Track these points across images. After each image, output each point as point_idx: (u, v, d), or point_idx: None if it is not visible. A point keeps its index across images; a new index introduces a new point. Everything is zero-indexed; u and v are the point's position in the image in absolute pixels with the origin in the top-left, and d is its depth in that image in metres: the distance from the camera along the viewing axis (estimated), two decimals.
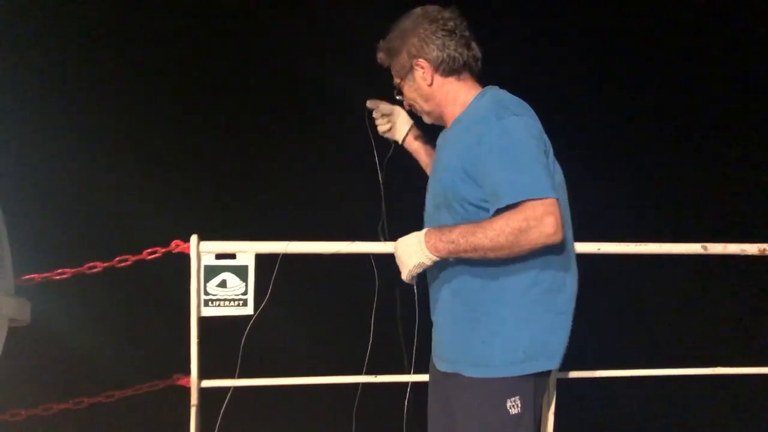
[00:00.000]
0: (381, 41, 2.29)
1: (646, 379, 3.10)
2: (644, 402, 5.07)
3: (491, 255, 1.95)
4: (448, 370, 2.21)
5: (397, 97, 2.37)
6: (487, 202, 2.02)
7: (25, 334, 2.51)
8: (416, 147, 2.59)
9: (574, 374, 2.95)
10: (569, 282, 2.15)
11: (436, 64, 2.17)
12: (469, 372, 2.11)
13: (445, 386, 2.27)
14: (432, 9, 2.21)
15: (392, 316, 2.63)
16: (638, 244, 2.94)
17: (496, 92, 2.21)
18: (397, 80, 2.30)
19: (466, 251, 1.98)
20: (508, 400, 2.04)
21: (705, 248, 3.00)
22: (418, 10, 2.22)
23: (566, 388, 2.91)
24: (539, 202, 1.89)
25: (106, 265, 2.64)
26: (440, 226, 2.09)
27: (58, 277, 2.60)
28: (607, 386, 3.31)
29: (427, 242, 2.04)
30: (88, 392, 2.73)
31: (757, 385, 3.07)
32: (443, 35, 2.15)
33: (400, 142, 2.60)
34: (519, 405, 2.05)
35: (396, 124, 2.57)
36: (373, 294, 2.67)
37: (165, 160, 7.12)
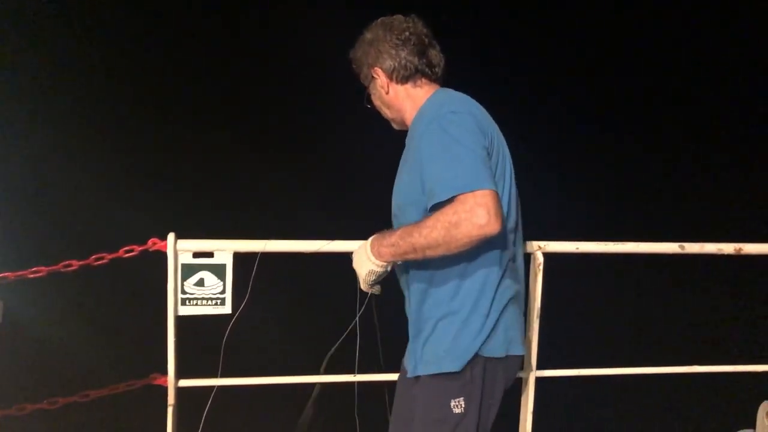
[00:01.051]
0: (351, 51, 2.39)
1: (624, 378, 3.11)
2: (620, 401, 5.11)
3: (431, 253, 1.97)
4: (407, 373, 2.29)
5: (367, 106, 2.44)
6: None
7: None
8: None
9: (551, 373, 2.95)
10: (506, 281, 2.17)
11: (389, 72, 2.27)
12: (409, 373, 2.23)
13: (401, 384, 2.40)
14: (389, 20, 2.31)
15: (369, 315, 2.64)
16: (616, 243, 2.95)
17: (442, 93, 2.27)
18: (366, 88, 2.40)
19: (407, 252, 2.02)
20: (452, 400, 2.11)
21: (682, 248, 3.02)
22: (378, 21, 2.32)
23: (544, 387, 2.92)
24: (470, 194, 1.88)
25: (82, 263, 2.60)
26: (383, 231, 2.13)
27: (32, 276, 2.55)
28: (584, 385, 3.33)
29: (372, 249, 2.11)
30: (62, 392, 2.68)
31: (733, 382, 3.09)
32: (396, 44, 2.25)
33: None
34: (463, 405, 2.10)
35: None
36: (352, 293, 2.66)
37: (142, 158, 7.08)
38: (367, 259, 2.12)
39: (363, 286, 2.23)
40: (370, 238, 2.15)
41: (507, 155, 2.22)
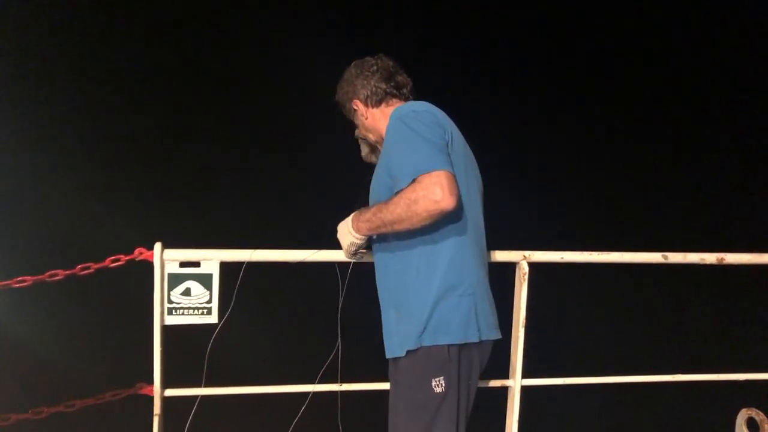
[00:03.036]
0: (335, 97, 2.73)
1: (607, 386, 3.13)
2: (603, 409, 5.14)
3: (398, 227, 2.19)
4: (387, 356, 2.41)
5: (357, 141, 2.77)
6: None
7: None
8: None
9: (537, 382, 2.97)
10: (467, 264, 2.31)
11: (365, 100, 2.60)
12: (394, 352, 2.34)
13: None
14: (359, 61, 2.66)
15: (357, 322, 2.67)
16: (600, 252, 2.98)
17: (407, 103, 2.51)
18: (354, 124, 2.72)
19: (378, 227, 2.27)
20: (433, 380, 2.24)
21: (665, 257, 3.06)
22: (352, 64, 2.67)
23: (530, 395, 2.94)
24: (427, 175, 2.10)
25: (67, 272, 2.59)
26: (362, 208, 2.39)
27: (17, 285, 2.54)
28: (570, 393, 3.35)
29: (352, 224, 2.39)
30: (48, 401, 2.67)
31: (714, 390, 3.12)
32: (367, 76, 2.59)
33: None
34: (443, 384, 2.24)
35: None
36: (338, 302, 2.69)
37: (129, 168, 7.05)
38: (348, 232, 2.41)
39: (346, 255, 2.53)
40: (352, 214, 2.42)
41: (470, 155, 2.46)
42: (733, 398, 2.94)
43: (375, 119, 2.61)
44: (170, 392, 2.68)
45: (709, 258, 3.12)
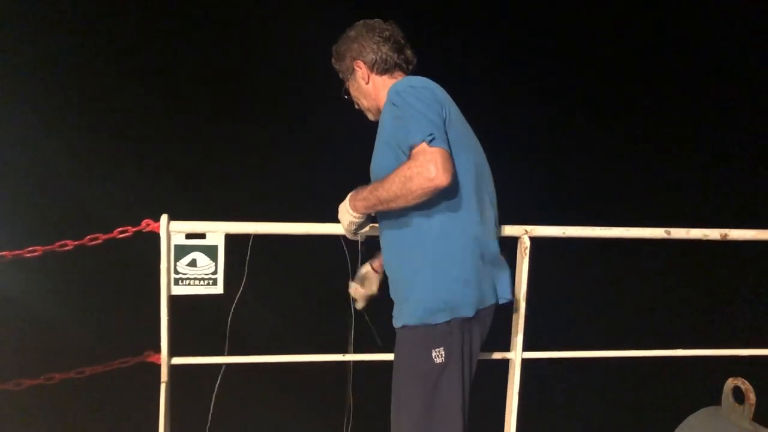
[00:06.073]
0: (333, 46, 2.65)
1: (608, 360, 3.16)
2: (607, 383, 5.20)
3: (394, 205, 2.20)
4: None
5: (345, 97, 2.70)
6: None
7: None
8: None
9: (537, 355, 3.01)
10: (466, 239, 2.31)
11: (371, 65, 2.56)
12: (396, 324, 2.37)
13: None
14: (372, 21, 2.61)
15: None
16: (603, 228, 3.00)
17: (406, 77, 2.48)
18: (345, 82, 2.67)
19: (375, 205, 2.28)
20: (433, 350, 2.26)
21: (668, 233, 3.07)
22: (360, 22, 2.62)
23: (530, 369, 2.98)
24: (422, 151, 2.11)
25: (77, 243, 2.64)
26: (359, 187, 2.38)
27: (29, 255, 2.60)
28: (570, 367, 3.39)
29: (350, 203, 2.38)
30: (59, 368, 2.74)
31: (706, 363, 3.17)
32: (378, 41, 2.55)
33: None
34: (443, 354, 2.27)
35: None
36: (344, 274, 2.74)
37: (136, 140, 7.09)
38: (346, 212, 2.40)
39: (347, 234, 2.53)
40: (350, 194, 2.40)
41: (469, 131, 2.45)
42: (721, 370, 2.99)
43: (376, 87, 2.57)
44: (177, 360, 2.73)
45: (713, 234, 3.12)
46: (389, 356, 2.57)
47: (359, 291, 2.73)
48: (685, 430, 3.00)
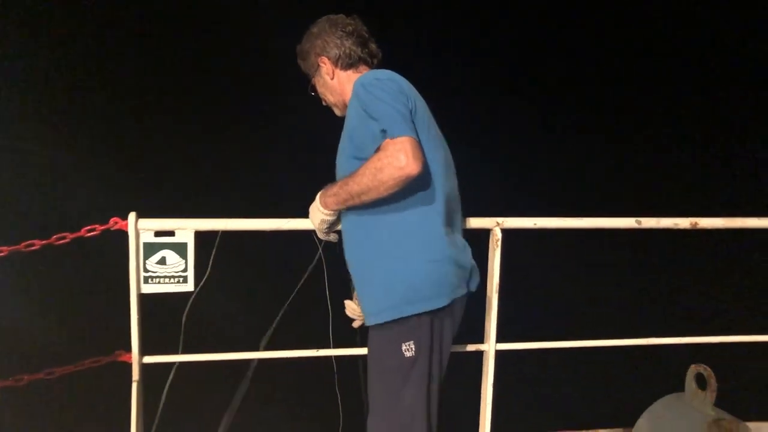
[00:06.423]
0: (297, 46, 2.66)
1: (581, 351, 3.18)
2: (574, 372, 5.26)
3: (366, 198, 2.20)
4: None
5: (312, 94, 2.71)
6: None
7: None
8: None
9: (511, 346, 3.02)
10: (435, 231, 2.31)
11: (335, 60, 2.55)
12: (367, 322, 2.37)
13: None
14: (335, 16, 2.60)
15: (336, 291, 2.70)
16: (573, 218, 3.02)
17: (371, 71, 2.49)
18: (310, 79, 2.66)
19: (346, 200, 2.27)
20: (403, 344, 2.27)
21: (639, 222, 3.09)
22: (323, 18, 2.61)
23: (504, 360, 2.99)
24: (391, 141, 2.11)
25: (44, 242, 2.61)
26: (328, 184, 2.37)
27: None
28: (543, 358, 3.42)
29: (320, 200, 2.38)
30: (29, 369, 2.71)
31: (670, 351, 3.21)
32: (341, 36, 2.54)
33: None
34: (413, 348, 2.27)
35: None
36: (315, 270, 2.73)
37: (103, 138, 7.01)
38: (317, 210, 2.40)
39: (319, 234, 2.52)
40: (319, 192, 2.40)
41: (434, 124, 2.44)
42: (685, 356, 3.04)
43: (342, 82, 2.57)
44: (149, 359, 2.71)
45: (683, 222, 3.15)
46: (363, 351, 2.58)
47: (357, 309, 2.66)
48: (650, 416, 3.06)
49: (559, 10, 9.96)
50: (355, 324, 2.69)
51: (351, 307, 2.64)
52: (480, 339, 2.98)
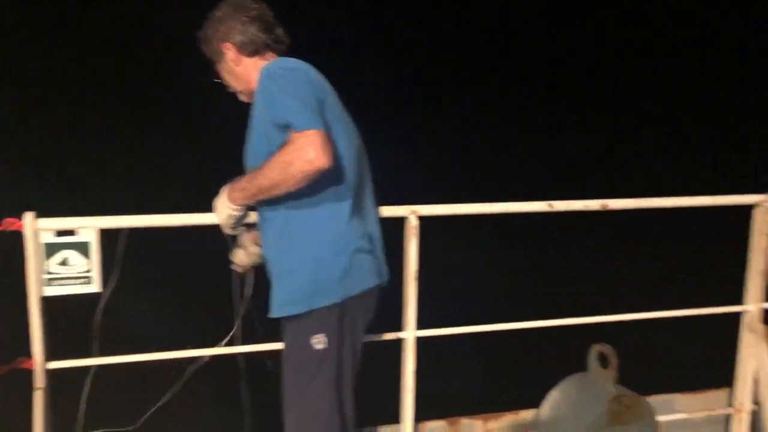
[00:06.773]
0: (199, 31, 2.54)
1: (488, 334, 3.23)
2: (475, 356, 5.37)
3: (276, 192, 2.16)
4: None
5: (215, 81, 2.60)
6: None
7: None
8: None
9: (430, 332, 3.03)
10: (345, 222, 2.30)
11: (240, 46, 2.45)
12: (275, 313, 2.31)
13: None
14: (239, 0, 2.49)
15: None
16: (487, 204, 3.05)
17: (278, 59, 2.44)
18: (214, 65, 2.56)
19: (255, 194, 2.24)
20: (313, 337, 2.25)
21: (551, 206, 3.15)
22: (226, 1, 2.50)
23: (424, 347, 3.00)
24: (300, 134, 2.06)
25: None
26: (236, 178, 2.31)
27: None
28: (465, 343, 3.45)
29: (227, 195, 2.33)
30: None
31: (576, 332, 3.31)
32: (245, 21, 2.43)
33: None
34: (324, 341, 2.25)
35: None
36: (223, 265, 2.66)
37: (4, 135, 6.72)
38: (224, 205, 2.34)
39: (226, 229, 2.46)
40: (225, 186, 2.35)
41: (345, 114, 2.41)
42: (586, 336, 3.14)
43: (247, 69, 2.47)
44: (54, 365, 2.59)
45: (594, 204, 3.23)
46: (276, 345, 2.53)
47: (244, 257, 2.57)
48: (555, 395, 3.14)
49: None
50: (241, 269, 2.59)
51: (238, 255, 2.55)
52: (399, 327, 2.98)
